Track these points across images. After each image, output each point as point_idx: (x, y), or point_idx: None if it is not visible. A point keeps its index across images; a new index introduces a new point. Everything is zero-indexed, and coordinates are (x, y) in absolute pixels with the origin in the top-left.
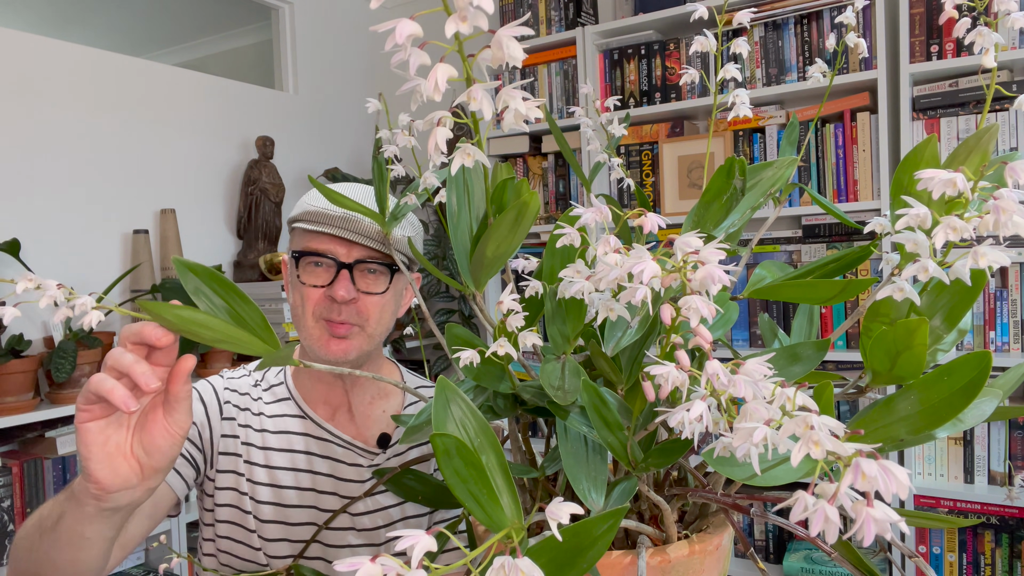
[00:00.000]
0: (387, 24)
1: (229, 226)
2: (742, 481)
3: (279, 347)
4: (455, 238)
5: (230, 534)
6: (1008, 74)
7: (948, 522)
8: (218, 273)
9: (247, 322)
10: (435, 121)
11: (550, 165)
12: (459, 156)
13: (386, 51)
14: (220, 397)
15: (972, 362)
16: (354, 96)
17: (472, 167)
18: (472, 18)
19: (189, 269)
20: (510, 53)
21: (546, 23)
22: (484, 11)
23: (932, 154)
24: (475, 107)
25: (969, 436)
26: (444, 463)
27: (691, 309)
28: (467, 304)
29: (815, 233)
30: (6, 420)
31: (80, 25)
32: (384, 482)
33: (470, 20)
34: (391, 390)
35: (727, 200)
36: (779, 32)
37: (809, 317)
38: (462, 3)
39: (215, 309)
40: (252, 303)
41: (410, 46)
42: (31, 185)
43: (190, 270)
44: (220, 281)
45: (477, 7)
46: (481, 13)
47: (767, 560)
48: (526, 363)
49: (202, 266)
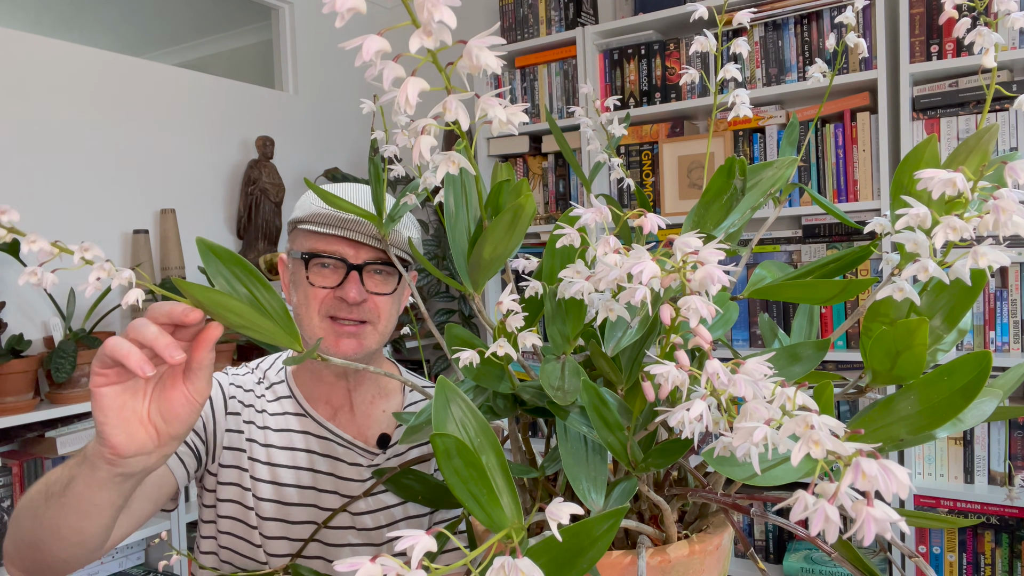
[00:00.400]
0: (354, 41)
1: (229, 226)
2: (742, 481)
3: (299, 339)
4: (453, 239)
5: (232, 530)
6: (1008, 74)
7: (948, 522)
8: (242, 258)
9: (268, 312)
10: (419, 130)
11: (550, 165)
12: (443, 164)
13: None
14: (225, 392)
15: (972, 362)
16: (354, 96)
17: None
18: (437, 33)
19: (212, 251)
20: (483, 63)
21: (546, 23)
22: (447, 26)
23: (932, 154)
24: (450, 118)
25: (969, 436)
26: (444, 463)
27: (691, 309)
28: (467, 304)
29: (815, 233)
30: (6, 420)
31: (80, 25)
32: (384, 482)
33: (435, 35)
34: (392, 390)
35: (727, 200)
36: (779, 32)
37: (809, 317)
38: (426, 18)
39: (237, 295)
40: (275, 292)
41: (380, 60)
42: (31, 185)
43: (213, 252)
44: (243, 266)
45: (440, 22)
46: (445, 28)
47: (767, 560)
48: (526, 363)
49: (226, 249)
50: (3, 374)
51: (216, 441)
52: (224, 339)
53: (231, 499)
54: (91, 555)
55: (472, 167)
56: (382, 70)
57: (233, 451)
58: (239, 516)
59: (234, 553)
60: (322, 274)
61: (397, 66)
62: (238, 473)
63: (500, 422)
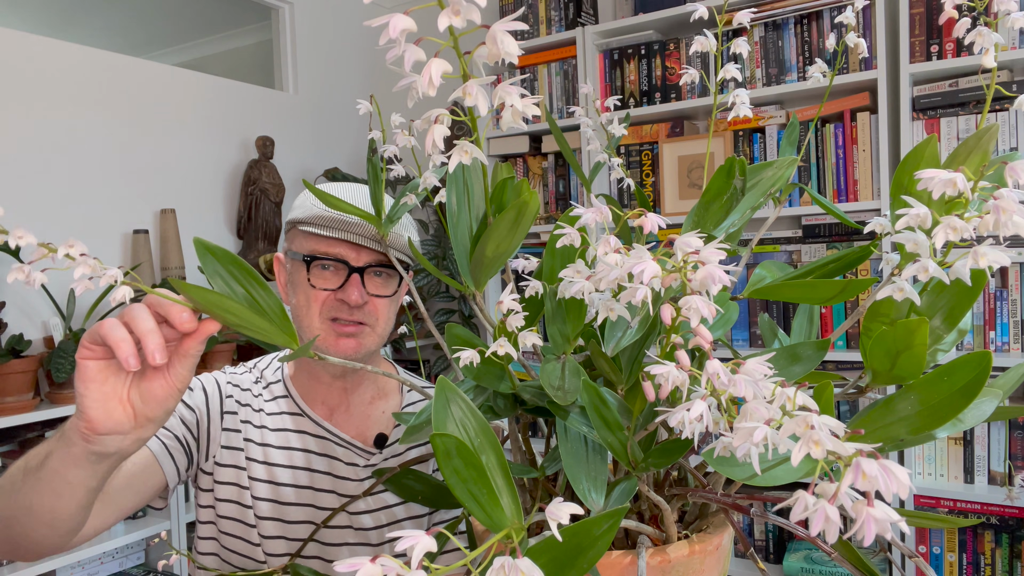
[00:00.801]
0: (381, 19)
1: (229, 226)
2: (742, 481)
3: (296, 338)
4: (455, 238)
5: (231, 530)
6: (1008, 74)
7: (948, 522)
8: (239, 258)
9: (265, 311)
10: (432, 119)
11: (550, 165)
12: (457, 153)
13: (381, 46)
14: (223, 391)
15: (972, 362)
16: (354, 96)
17: (470, 165)
18: (465, 12)
19: (209, 251)
20: (505, 49)
21: (546, 23)
22: (477, 5)
23: (932, 154)
24: (471, 103)
25: (969, 436)
26: (444, 463)
27: (691, 309)
28: (467, 304)
29: (815, 233)
30: (6, 420)
31: (80, 25)
32: (384, 482)
33: (463, 14)
34: (390, 390)
35: (727, 200)
36: (779, 32)
37: (809, 317)
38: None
39: (234, 295)
40: (272, 292)
41: (404, 41)
42: (31, 185)
43: (210, 252)
44: (240, 266)
45: (470, 1)
46: (474, 7)
47: (767, 560)
48: (526, 363)
49: (223, 249)
50: (3, 374)
51: (209, 439)
52: (224, 339)
53: (229, 499)
54: (64, 540)
55: (484, 157)
56: (404, 52)
57: (230, 450)
58: (237, 516)
59: (233, 553)
60: (323, 276)
61: (419, 50)
62: (235, 473)
63: (500, 422)
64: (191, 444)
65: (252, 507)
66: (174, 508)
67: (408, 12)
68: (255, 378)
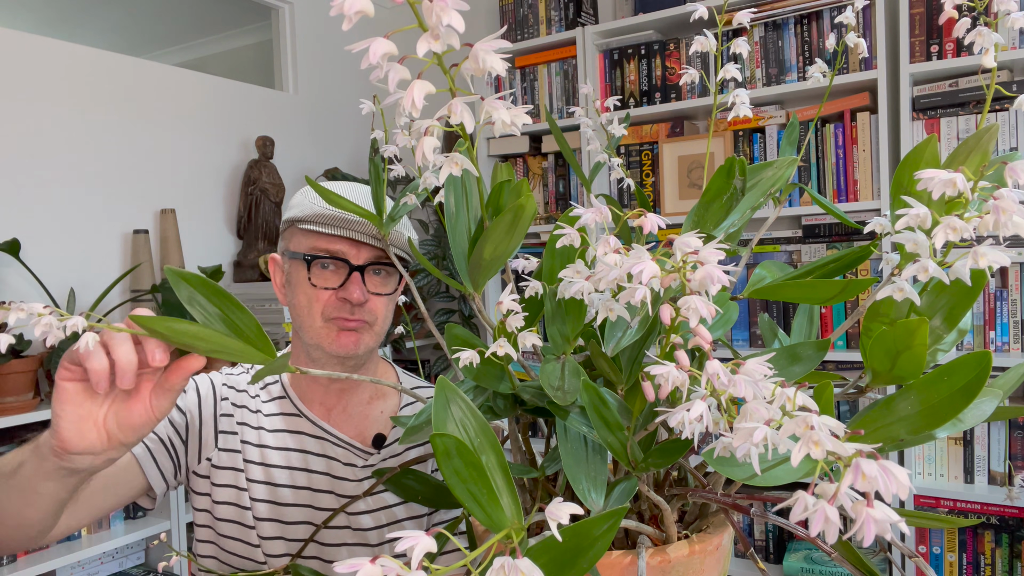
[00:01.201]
0: (361, 44)
1: (229, 226)
2: (742, 481)
3: (274, 354)
4: (453, 240)
5: (229, 532)
6: (1008, 74)
7: (948, 522)
8: (211, 281)
9: (242, 330)
10: (422, 131)
11: (550, 165)
12: (446, 165)
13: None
14: (218, 393)
15: (972, 362)
16: (354, 96)
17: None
18: (445, 37)
19: (181, 278)
20: (489, 66)
21: (546, 23)
22: (456, 30)
23: (932, 154)
24: (455, 120)
25: (969, 436)
26: (444, 463)
27: (691, 309)
28: (467, 304)
29: (815, 233)
30: (6, 420)
31: (80, 25)
32: (384, 482)
33: (443, 39)
34: (389, 391)
35: (727, 200)
36: (779, 32)
37: (809, 317)
38: (434, 23)
39: (209, 317)
40: (246, 310)
41: (386, 63)
42: (31, 185)
43: (182, 279)
44: (213, 289)
45: (448, 26)
46: (453, 32)
47: (767, 560)
48: (526, 363)
49: (194, 275)
50: (3, 374)
51: (201, 441)
52: None
53: (227, 501)
54: (33, 540)
55: (475, 169)
56: (388, 72)
57: (228, 453)
58: (236, 518)
59: (232, 555)
60: (323, 275)
61: (403, 68)
62: (233, 475)
63: (500, 422)
64: (177, 447)
65: (250, 508)
66: (174, 508)
67: (388, 36)
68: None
